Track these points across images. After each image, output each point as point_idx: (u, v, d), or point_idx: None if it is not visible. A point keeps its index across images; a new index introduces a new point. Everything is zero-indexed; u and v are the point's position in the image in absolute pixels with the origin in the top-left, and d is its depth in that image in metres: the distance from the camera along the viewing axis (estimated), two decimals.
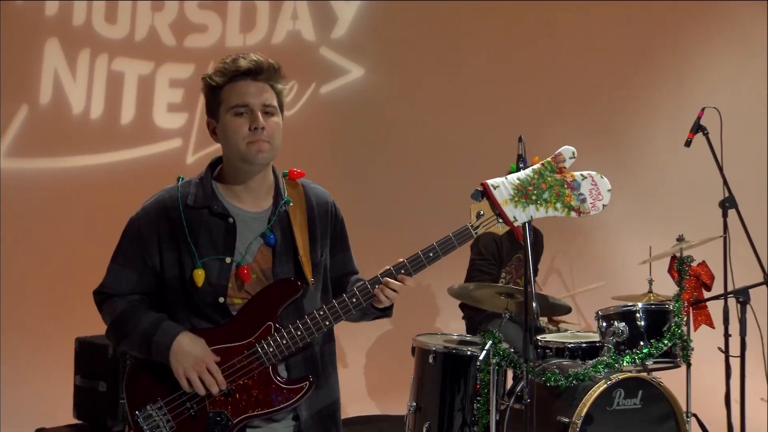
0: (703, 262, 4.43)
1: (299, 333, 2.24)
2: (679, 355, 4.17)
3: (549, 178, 2.28)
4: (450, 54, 6.44)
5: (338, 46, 6.40)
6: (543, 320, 4.96)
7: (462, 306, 5.02)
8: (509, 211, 2.28)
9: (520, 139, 3.49)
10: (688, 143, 4.43)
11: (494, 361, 3.99)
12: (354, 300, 2.26)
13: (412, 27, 6.43)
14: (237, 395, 2.25)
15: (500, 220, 2.30)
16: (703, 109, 4.41)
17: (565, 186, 2.28)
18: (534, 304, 3.40)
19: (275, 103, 2.30)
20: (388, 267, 2.29)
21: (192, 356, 2.21)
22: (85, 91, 5.97)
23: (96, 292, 2.37)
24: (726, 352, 4.16)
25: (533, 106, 6.35)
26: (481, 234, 5.19)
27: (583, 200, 2.29)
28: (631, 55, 6.53)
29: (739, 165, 5.02)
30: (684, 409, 4.06)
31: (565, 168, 2.29)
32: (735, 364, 4.07)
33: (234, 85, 2.25)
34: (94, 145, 5.99)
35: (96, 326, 5.05)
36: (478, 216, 2.30)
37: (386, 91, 6.43)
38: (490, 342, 4.00)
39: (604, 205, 2.31)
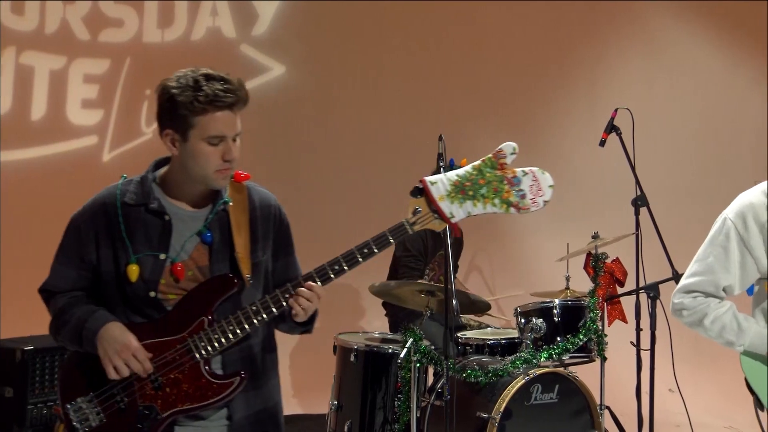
0: (617, 258, 4.56)
1: (231, 327, 2.26)
2: (594, 349, 4.28)
3: (488, 174, 2.26)
4: (371, 53, 6.46)
5: (259, 44, 6.34)
6: (468, 318, 5.02)
7: (384, 304, 5.04)
8: (445, 207, 2.25)
9: (440, 138, 3.52)
10: (602, 143, 4.56)
11: (415, 358, 4.01)
12: (287, 295, 2.28)
13: (333, 25, 6.42)
14: (167, 389, 2.26)
15: (436, 216, 2.28)
16: (616, 110, 4.54)
17: (505, 182, 2.25)
18: (454, 302, 3.44)
19: (241, 127, 2.31)
20: (309, 271, 2.31)
21: (118, 342, 2.23)
22: None
23: (40, 290, 2.43)
24: (637, 345, 4.29)
25: (453, 105, 6.43)
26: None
27: (523, 196, 2.26)
28: (546, 55, 6.66)
29: (649, 164, 5.19)
30: (598, 402, 4.17)
31: (506, 164, 2.27)
32: (646, 357, 4.20)
33: (213, 116, 2.22)
34: (2, 141, 5.77)
35: (2, 330, 4.87)
36: (415, 212, 2.28)
37: (308, 89, 6.40)
38: (411, 340, 4.03)
39: (545, 201, 2.27)
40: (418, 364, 4.03)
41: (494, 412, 3.86)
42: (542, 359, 4.10)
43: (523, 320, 4.31)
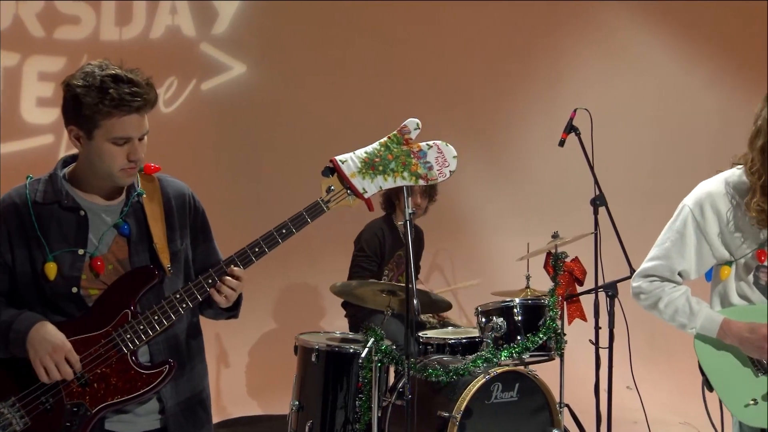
0: (576, 258, 4.60)
1: (156, 317, 2.28)
2: (553, 348, 4.32)
3: (395, 150, 2.36)
4: (331, 52, 6.44)
5: (219, 43, 6.29)
6: (427, 316, 5.04)
7: (344, 304, 5.03)
8: (358, 183, 2.34)
9: None
10: (561, 143, 4.59)
11: (376, 358, 4.01)
12: (210, 281, 2.31)
13: (293, 24, 6.39)
14: (95, 384, 2.26)
15: (350, 193, 2.35)
16: (575, 110, 4.58)
17: (412, 156, 2.36)
18: (415, 301, 3.45)
19: (148, 126, 2.31)
20: (230, 255, 2.33)
21: (50, 343, 2.21)
22: None
23: None
24: (596, 343, 4.33)
25: (414, 104, 6.43)
26: (365, 231, 5.23)
27: (430, 168, 2.36)
28: (506, 55, 6.71)
29: (608, 164, 5.25)
30: (557, 399, 4.21)
31: (411, 139, 2.36)
32: (604, 355, 4.25)
33: (119, 119, 2.22)
34: None
35: None
36: (329, 190, 2.35)
37: (269, 88, 6.37)
38: (372, 339, 4.03)
39: (451, 171, 2.37)
40: (379, 364, 4.03)
41: (455, 411, 3.88)
42: (502, 358, 4.12)
43: (483, 319, 4.33)
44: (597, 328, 4.33)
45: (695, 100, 6.82)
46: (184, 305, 2.29)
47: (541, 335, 4.22)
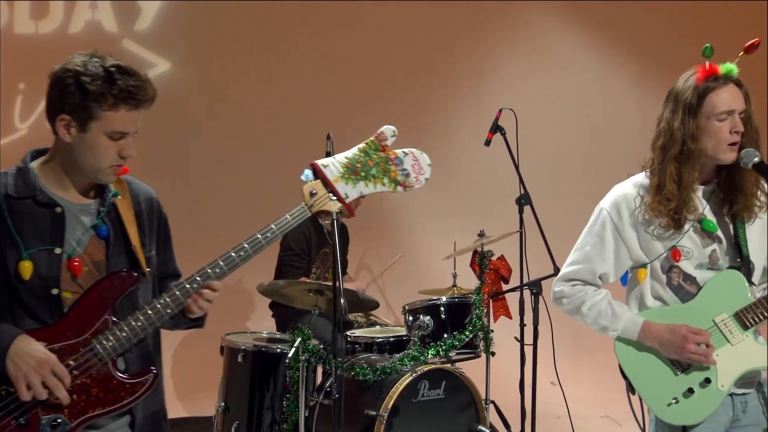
0: (502, 256, 4.65)
1: (139, 324, 2.17)
2: (479, 345, 4.37)
3: (374, 156, 2.37)
4: (258, 51, 6.39)
5: (142, 40, 6.16)
6: (358, 315, 5.02)
7: (272, 304, 4.99)
8: (341, 188, 2.34)
9: (328, 137, 3.50)
10: (487, 143, 4.64)
11: (303, 357, 3.99)
12: (194, 285, 2.21)
13: (218, 22, 6.31)
14: (74, 396, 2.12)
15: (333, 197, 2.34)
16: (500, 110, 4.64)
17: (390, 162, 2.38)
18: (342, 300, 3.44)
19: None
20: (204, 267, 2.23)
21: (33, 358, 2.06)
22: None
23: None
24: (521, 341, 4.40)
25: (341, 103, 6.43)
26: (291, 230, 5.19)
27: (407, 175, 2.39)
28: (432, 55, 6.76)
29: (533, 163, 5.33)
30: (483, 396, 4.26)
31: (387, 146, 2.39)
32: (529, 351, 4.31)
33: (121, 112, 2.14)
34: None
35: None
36: (312, 194, 2.32)
37: (195, 86, 6.27)
38: (299, 339, 4.00)
39: (426, 179, 2.41)
40: (306, 363, 4.00)
41: (382, 410, 3.88)
42: (429, 356, 4.15)
43: (411, 318, 4.35)
44: (522, 325, 4.39)
45: (617, 100, 6.99)
46: (168, 310, 2.19)
47: (467, 333, 4.26)
